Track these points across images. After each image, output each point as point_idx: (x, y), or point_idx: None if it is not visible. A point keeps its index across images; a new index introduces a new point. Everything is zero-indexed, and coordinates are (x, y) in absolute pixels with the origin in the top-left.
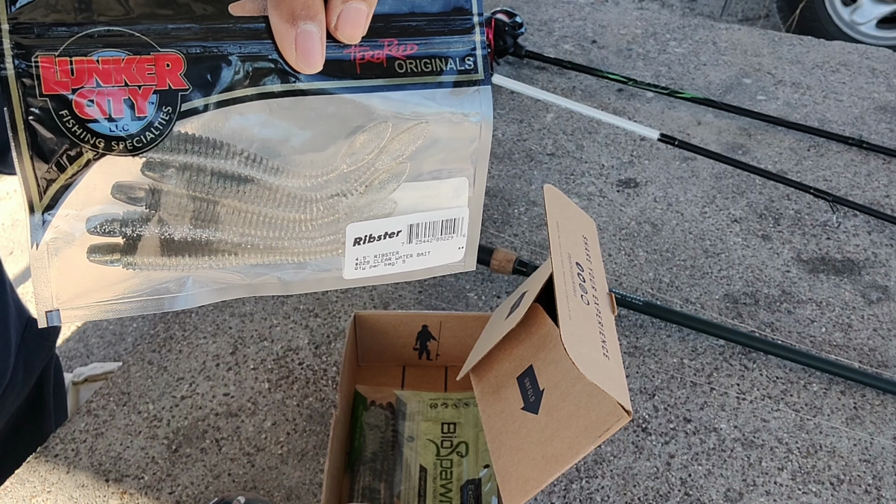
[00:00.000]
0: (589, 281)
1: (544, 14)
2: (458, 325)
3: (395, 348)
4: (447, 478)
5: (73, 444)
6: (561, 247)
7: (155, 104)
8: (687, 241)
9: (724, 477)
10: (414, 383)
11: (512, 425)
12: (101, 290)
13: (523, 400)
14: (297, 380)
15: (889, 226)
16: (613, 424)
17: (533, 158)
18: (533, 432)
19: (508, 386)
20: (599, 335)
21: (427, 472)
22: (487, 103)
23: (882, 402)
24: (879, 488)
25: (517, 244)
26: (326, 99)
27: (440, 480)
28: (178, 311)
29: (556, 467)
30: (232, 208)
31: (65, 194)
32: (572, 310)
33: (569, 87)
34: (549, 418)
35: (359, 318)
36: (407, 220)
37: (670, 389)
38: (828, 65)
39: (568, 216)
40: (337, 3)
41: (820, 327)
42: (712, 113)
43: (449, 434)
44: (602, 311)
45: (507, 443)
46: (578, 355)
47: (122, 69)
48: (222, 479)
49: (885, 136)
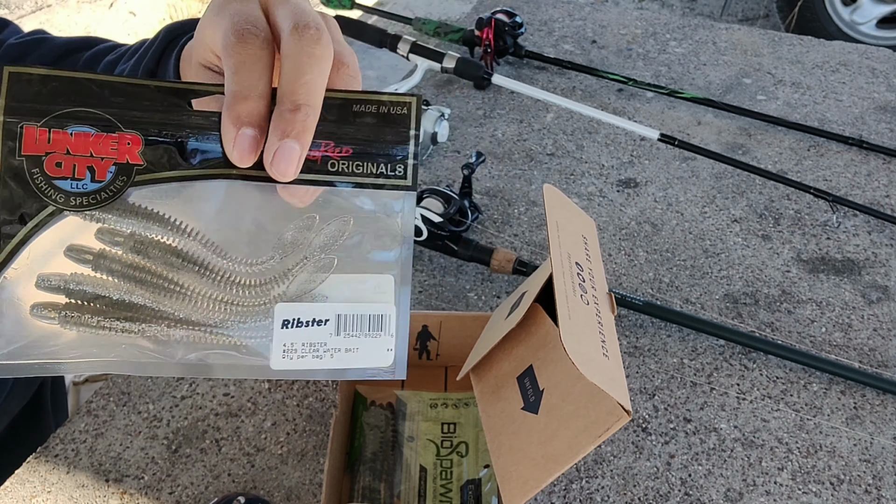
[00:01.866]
0: (588, 281)
1: (544, 14)
2: (458, 326)
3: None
4: (447, 478)
5: (73, 444)
6: (561, 246)
7: (113, 173)
8: (687, 241)
9: (724, 477)
10: (414, 383)
11: (512, 425)
12: (38, 345)
13: (523, 400)
14: (297, 380)
15: (889, 226)
16: (613, 424)
17: (533, 158)
18: (533, 432)
19: (508, 386)
20: (599, 335)
21: (427, 472)
22: (410, 211)
23: (882, 402)
24: (879, 488)
25: (517, 244)
26: (261, 187)
27: (440, 480)
28: None
29: (556, 467)
30: (169, 281)
31: (20, 249)
32: (572, 309)
33: (569, 87)
34: (548, 418)
35: None
36: (334, 309)
37: (670, 389)
38: (828, 65)
39: (568, 216)
40: (273, 140)
41: (820, 327)
42: (712, 113)
43: (449, 434)
44: (602, 310)
45: (506, 443)
46: (578, 355)
47: (90, 142)
48: (222, 479)
49: (885, 136)
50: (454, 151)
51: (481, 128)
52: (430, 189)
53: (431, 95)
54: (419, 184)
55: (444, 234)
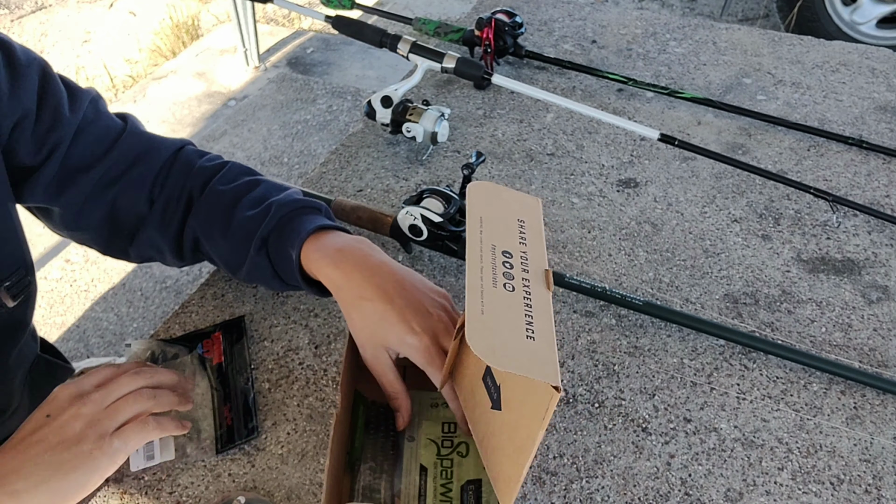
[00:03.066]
0: (519, 266)
1: (544, 14)
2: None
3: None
4: (447, 477)
5: None
6: (481, 242)
7: None
8: (687, 241)
9: (724, 477)
10: (415, 384)
11: (488, 426)
12: None
13: (490, 399)
14: (297, 380)
15: (889, 226)
16: (548, 404)
17: (533, 158)
18: (503, 428)
19: (478, 388)
20: (525, 318)
21: (427, 471)
22: None
23: (882, 402)
24: (879, 488)
25: None
26: None
27: (440, 480)
28: (179, 311)
29: (524, 458)
30: None
31: None
32: (486, 304)
33: (569, 87)
34: (509, 412)
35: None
36: None
37: (670, 389)
38: (828, 65)
39: (498, 205)
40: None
41: (820, 327)
42: (712, 113)
43: (449, 434)
44: (534, 291)
45: (488, 443)
46: (485, 349)
47: None
48: (222, 479)
49: (885, 136)
50: (454, 151)
51: (481, 128)
52: (430, 189)
53: (431, 95)
54: (419, 184)
55: (444, 234)
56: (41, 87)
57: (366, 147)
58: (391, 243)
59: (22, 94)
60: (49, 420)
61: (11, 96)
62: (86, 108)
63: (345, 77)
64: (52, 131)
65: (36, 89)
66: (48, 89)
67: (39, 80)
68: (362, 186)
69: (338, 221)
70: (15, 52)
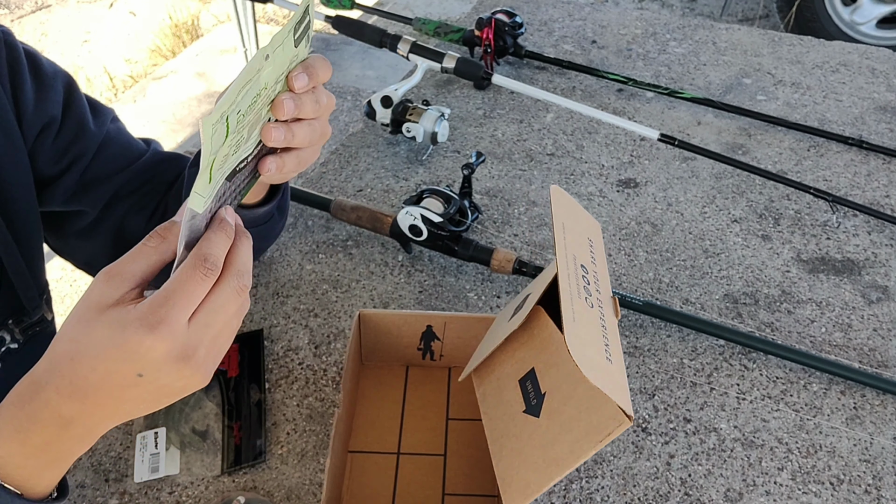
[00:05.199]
0: (593, 283)
1: (544, 14)
2: (463, 326)
3: (399, 348)
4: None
5: None
6: (566, 248)
7: None
8: (687, 241)
9: (724, 477)
10: (417, 383)
11: (514, 428)
12: None
13: (525, 403)
14: (296, 380)
15: (889, 226)
16: (615, 429)
17: (533, 158)
18: (535, 435)
19: (510, 388)
20: (603, 339)
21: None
22: None
23: (882, 402)
24: (879, 488)
25: (517, 244)
26: None
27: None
28: None
29: (558, 471)
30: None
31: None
32: (576, 312)
33: (569, 87)
34: (550, 422)
35: (363, 317)
36: None
37: (670, 389)
38: (828, 65)
39: (574, 218)
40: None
41: (820, 327)
42: (712, 113)
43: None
44: (606, 314)
45: (508, 445)
46: (582, 358)
47: None
48: (222, 479)
49: (885, 136)
50: (454, 151)
51: (481, 128)
52: (430, 189)
53: (431, 95)
54: (419, 184)
55: (444, 234)
56: (66, 98)
57: (366, 147)
58: (391, 243)
59: (47, 104)
60: (141, 380)
61: (37, 107)
62: (108, 124)
63: (345, 77)
64: (75, 143)
65: (61, 100)
66: (73, 101)
67: (64, 91)
68: (362, 186)
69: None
70: (42, 64)
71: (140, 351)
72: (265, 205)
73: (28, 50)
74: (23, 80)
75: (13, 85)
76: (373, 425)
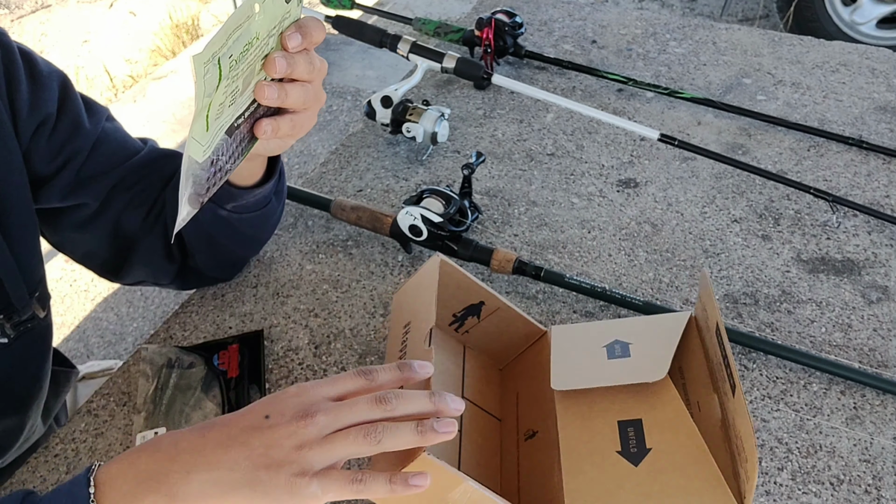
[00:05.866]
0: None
1: (544, 14)
2: (506, 320)
3: (447, 306)
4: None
5: (73, 444)
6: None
7: None
8: (687, 241)
9: None
10: (436, 346)
11: (600, 460)
12: None
13: (621, 445)
14: (296, 380)
15: (889, 226)
16: None
17: (533, 158)
18: (628, 480)
19: (604, 422)
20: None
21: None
22: None
23: (882, 402)
24: (879, 488)
25: (517, 244)
26: None
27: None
28: (179, 311)
29: None
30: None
31: None
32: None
33: (569, 87)
34: (651, 479)
35: (443, 265)
36: None
37: None
38: (828, 65)
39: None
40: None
41: (820, 327)
42: (712, 113)
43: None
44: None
45: (587, 471)
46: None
47: None
48: None
49: (885, 136)
50: (454, 151)
51: (481, 128)
52: (430, 189)
53: (431, 95)
54: (419, 184)
55: (444, 234)
56: (61, 96)
57: (366, 147)
58: (391, 243)
59: (42, 102)
60: (265, 423)
61: (32, 106)
62: (104, 122)
63: (345, 77)
64: (70, 141)
65: (56, 98)
66: (68, 100)
67: (59, 90)
68: (362, 186)
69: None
70: (37, 62)
71: (282, 393)
72: (263, 185)
73: (23, 49)
74: (18, 81)
75: (9, 85)
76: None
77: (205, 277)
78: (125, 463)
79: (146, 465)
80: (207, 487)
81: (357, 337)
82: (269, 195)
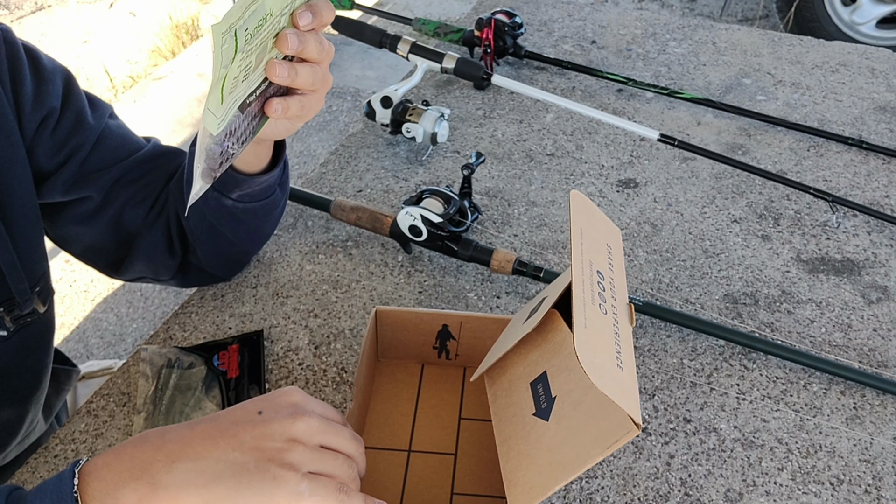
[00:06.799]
0: (609, 290)
1: (544, 14)
2: (479, 327)
3: (414, 345)
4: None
5: (72, 444)
6: (583, 254)
7: None
8: (687, 241)
9: (724, 477)
10: (431, 381)
11: (522, 430)
12: None
13: (535, 406)
14: (296, 380)
15: (889, 226)
16: (622, 437)
17: (533, 158)
18: (542, 439)
19: (521, 390)
20: (615, 345)
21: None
22: None
23: (882, 402)
24: (879, 488)
25: (517, 244)
26: None
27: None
28: (179, 311)
29: (564, 475)
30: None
31: None
32: (588, 318)
33: (569, 87)
34: (559, 426)
35: (380, 313)
36: None
37: (670, 389)
38: (827, 65)
39: (593, 223)
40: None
41: (820, 327)
42: (712, 113)
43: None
44: (620, 321)
45: (515, 447)
46: (591, 365)
47: None
48: None
49: (885, 136)
50: (454, 151)
51: (481, 128)
52: (430, 189)
53: (431, 95)
54: (419, 184)
55: (444, 235)
56: (65, 91)
57: (366, 147)
58: (391, 244)
59: (46, 97)
60: (258, 418)
61: (36, 101)
62: (107, 118)
63: (344, 77)
64: (73, 135)
65: (60, 93)
66: (71, 95)
67: (63, 85)
68: (362, 187)
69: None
70: (41, 59)
71: (277, 392)
72: (268, 173)
73: (27, 46)
74: (22, 77)
75: (13, 81)
76: (385, 422)
77: (205, 274)
78: (111, 455)
79: (131, 456)
80: (191, 477)
81: (357, 337)
82: (273, 184)
